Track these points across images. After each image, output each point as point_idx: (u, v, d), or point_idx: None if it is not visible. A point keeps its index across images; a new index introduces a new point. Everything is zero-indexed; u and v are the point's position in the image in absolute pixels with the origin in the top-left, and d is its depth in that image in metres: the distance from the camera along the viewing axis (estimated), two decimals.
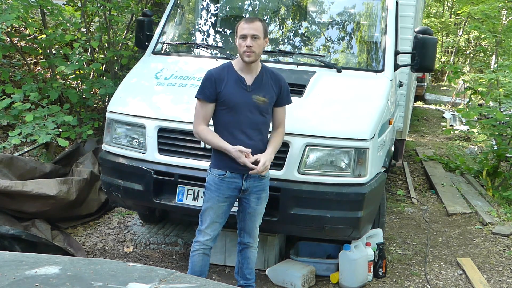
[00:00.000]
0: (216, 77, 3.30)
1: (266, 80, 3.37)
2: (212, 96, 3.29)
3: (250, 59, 3.27)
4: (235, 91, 3.29)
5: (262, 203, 3.47)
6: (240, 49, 3.27)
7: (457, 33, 22.48)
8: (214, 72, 3.34)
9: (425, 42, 4.25)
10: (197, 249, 3.45)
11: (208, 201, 3.39)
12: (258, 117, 3.32)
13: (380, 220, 4.63)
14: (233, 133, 3.29)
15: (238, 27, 3.30)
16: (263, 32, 3.30)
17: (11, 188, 4.45)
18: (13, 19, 5.47)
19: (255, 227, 3.52)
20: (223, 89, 3.28)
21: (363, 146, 3.69)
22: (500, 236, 5.41)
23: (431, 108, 15.36)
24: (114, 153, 4.13)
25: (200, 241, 3.44)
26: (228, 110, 3.30)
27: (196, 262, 3.47)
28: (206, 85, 3.30)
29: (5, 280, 1.62)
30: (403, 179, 7.48)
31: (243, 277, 3.63)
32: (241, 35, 3.25)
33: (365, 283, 4.21)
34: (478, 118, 9.80)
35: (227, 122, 3.31)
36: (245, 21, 3.29)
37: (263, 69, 3.40)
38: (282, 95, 3.44)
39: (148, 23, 4.86)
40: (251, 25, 3.25)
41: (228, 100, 3.28)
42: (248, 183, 3.35)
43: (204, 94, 3.30)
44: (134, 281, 1.70)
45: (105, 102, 6.89)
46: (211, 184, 3.37)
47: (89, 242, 4.85)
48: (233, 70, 3.35)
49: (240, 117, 3.29)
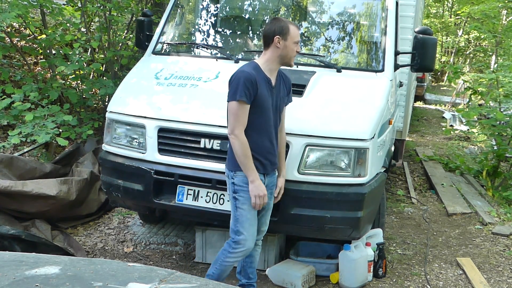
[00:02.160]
0: (255, 78, 3.19)
1: (281, 81, 3.43)
2: (252, 98, 3.18)
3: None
4: (266, 93, 3.27)
5: (272, 198, 3.54)
6: (291, 54, 3.30)
7: (457, 33, 22.48)
8: (251, 73, 3.19)
9: (425, 42, 4.25)
10: (235, 261, 3.45)
11: (245, 203, 3.30)
12: (277, 118, 3.39)
13: (380, 220, 4.63)
14: (259, 135, 3.28)
15: (291, 31, 3.26)
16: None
17: (11, 188, 4.45)
18: (12, 18, 5.47)
19: (265, 224, 3.56)
20: (259, 91, 3.21)
21: (363, 146, 3.69)
22: (500, 236, 5.41)
23: (431, 108, 15.36)
24: (114, 153, 4.12)
25: (240, 251, 3.35)
26: (259, 112, 3.25)
27: (226, 270, 3.48)
28: (247, 86, 3.14)
29: (5, 280, 1.62)
30: (403, 179, 7.48)
31: (246, 276, 3.65)
32: (297, 41, 3.29)
33: (365, 283, 4.21)
34: (478, 118, 9.79)
35: (256, 124, 3.26)
36: (296, 27, 3.33)
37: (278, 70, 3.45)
38: (289, 96, 3.53)
39: (148, 23, 4.85)
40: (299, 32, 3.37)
41: (262, 101, 3.24)
42: (268, 180, 3.44)
43: (247, 96, 3.14)
44: (134, 281, 1.70)
45: (105, 102, 6.89)
46: (242, 186, 3.28)
47: (89, 242, 4.85)
48: (261, 70, 3.30)
49: (267, 118, 3.31)
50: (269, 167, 3.39)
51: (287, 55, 3.29)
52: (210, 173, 3.74)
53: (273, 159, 3.41)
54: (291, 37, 3.26)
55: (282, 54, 3.28)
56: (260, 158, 3.31)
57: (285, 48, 3.27)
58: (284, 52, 3.28)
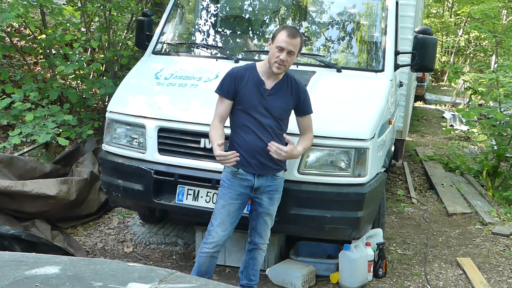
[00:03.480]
0: (237, 75, 3.33)
1: (286, 88, 3.38)
2: (230, 93, 3.31)
3: (279, 72, 3.29)
4: (252, 93, 3.30)
5: (274, 203, 3.48)
6: (272, 58, 3.25)
7: (457, 33, 22.47)
8: (236, 70, 3.37)
9: (425, 42, 4.25)
10: (206, 251, 3.43)
11: (221, 198, 3.41)
12: (271, 121, 3.33)
13: (380, 220, 4.63)
14: (246, 132, 3.31)
15: (278, 35, 3.25)
16: (299, 48, 3.32)
17: (11, 188, 4.45)
18: (12, 18, 5.47)
19: (266, 227, 3.53)
20: (242, 89, 3.30)
21: (363, 146, 3.69)
22: (500, 236, 5.41)
23: (431, 108, 15.36)
24: (114, 153, 4.12)
25: (209, 243, 3.41)
26: (243, 110, 3.32)
27: (203, 263, 3.47)
28: (226, 81, 3.34)
29: (5, 280, 1.62)
30: (403, 179, 7.48)
31: (247, 277, 3.64)
32: (279, 46, 3.22)
33: (365, 283, 4.21)
34: (478, 118, 9.79)
35: (241, 121, 3.33)
36: (288, 34, 3.23)
37: (286, 75, 3.40)
38: (302, 105, 3.44)
39: (148, 23, 4.85)
40: (292, 41, 3.23)
41: (244, 100, 3.30)
42: (260, 182, 3.38)
43: (222, 90, 3.34)
44: (134, 281, 1.70)
45: (105, 102, 6.88)
46: (224, 181, 3.41)
47: (89, 242, 4.85)
48: (255, 71, 3.35)
49: (253, 118, 3.30)
50: (257, 167, 3.34)
51: (269, 59, 3.29)
52: (210, 173, 3.74)
53: (262, 160, 3.33)
54: (276, 40, 3.25)
55: (268, 57, 3.31)
56: (245, 155, 3.30)
57: (270, 51, 3.29)
58: (269, 55, 3.29)
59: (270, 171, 3.40)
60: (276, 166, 3.41)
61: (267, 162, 3.35)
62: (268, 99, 3.32)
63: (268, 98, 3.32)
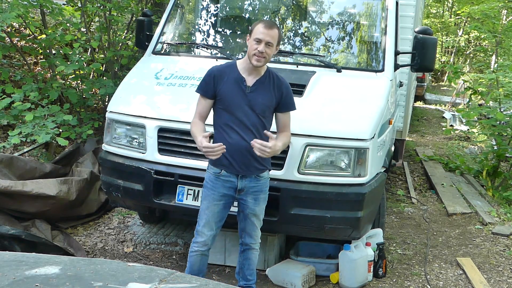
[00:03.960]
0: (216, 74, 3.32)
1: (268, 84, 3.34)
2: (209, 92, 3.31)
3: (259, 64, 3.25)
4: (232, 90, 3.28)
5: (260, 204, 3.44)
6: (250, 51, 3.23)
7: (457, 33, 22.47)
8: (215, 69, 3.36)
9: (425, 42, 4.25)
10: (195, 250, 3.45)
11: (205, 199, 3.41)
12: (255, 119, 3.29)
13: (380, 220, 4.63)
14: (228, 132, 3.29)
15: (255, 28, 3.25)
16: (278, 40, 3.29)
17: (11, 188, 4.45)
18: (13, 18, 5.47)
19: (255, 228, 3.51)
20: (222, 87, 3.28)
21: (363, 146, 3.69)
22: (500, 236, 5.41)
23: (431, 108, 15.36)
24: (114, 153, 4.12)
25: (198, 242, 3.44)
26: (225, 108, 3.30)
27: (194, 262, 3.48)
28: (205, 80, 3.34)
29: (5, 280, 1.62)
30: (403, 179, 7.48)
31: (244, 277, 3.63)
32: (257, 38, 3.21)
33: (365, 283, 4.21)
34: (478, 118, 9.79)
35: (223, 121, 3.31)
36: (264, 25, 3.23)
37: (268, 72, 3.37)
38: (285, 101, 3.38)
39: (148, 23, 4.85)
40: (269, 32, 3.21)
41: (225, 98, 3.28)
42: (243, 183, 3.35)
43: (201, 89, 3.35)
44: (134, 281, 1.70)
45: (105, 102, 6.88)
46: (207, 182, 3.40)
47: (89, 242, 4.85)
48: (235, 69, 3.34)
49: (236, 117, 3.27)
50: (241, 167, 3.30)
51: (248, 52, 3.27)
52: None
53: (245, 160, 3.29)
54: (253, 33, 3.24)
55: (247, 52, 3.29)
56: (228, 156, 3.27)
57: (249, 46, 3.28)
58: (248, 50, 3.28)
59: (254, 171, 3.35)
60: (261, 166, 3.36)
61: (251, 162, 3.31)
62: (250, 95, 3.28)
63: (249, 95, 3.28)
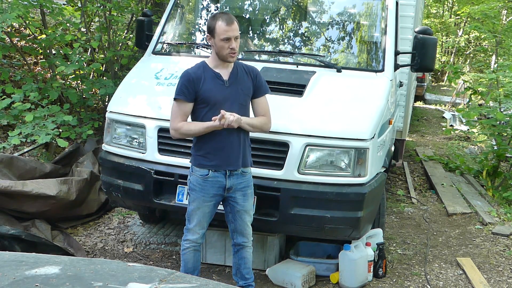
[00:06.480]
0: (193, 76, 3.30)
1: (241, 73, 3.39)
2: (191, 96, 3.29)
3: (234, 59, 3.31)
4: (214, 88, 3.30)
5: (248, 199, 3.48)
6: (223, 51, 3.25)
7: (457, 33, 22.48)
8: (191, 72, 3.33)
9: (425, 42, 4.25)
10: (188, 247, 3.49)
11: (194, 202, 3.42)
12: (238, 111, 3.30)
13: (380, 220, 4.63)
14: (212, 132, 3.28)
15: (216, 28, 3.23)
16: (238, 30, 3.33)
17: (11, 188, 4.45)
18: (13, 18, 5.47)
19: (246, 225, 3.52)
20: (202, 87, 3.28)
21: (363, 146, 3.69)
22: (500, 236, 5.41)
23: (431, 108, 15.36)
24: (114, 153, 4.13)
25: (190, 240, 3.49)
26: (209, 107, 3.30)
27: (188, 259, 3.51)
28: (184, 85, 3.28)
29: (5, 280, 1.62)
30: (403, 179, 7.48)
31: (242, 277, 3.63)
32: (225, 38, 3.22)
33: (365, 283, 4.21)
34: (478, 118, 9.79)
35: (206, 119, 3.29)
36: (225, 22, 3.22)
37: (235, 63, 3.41)
38: (259, 85, 3.43)
39: (148, 23, 4.86)
40: (232, 27, 3.24)
41: (208, 97, 3.29)
42: (231, 181, 3.37)
43: (182, 94, 3.28)
44: (134, 281, 1.70)
45: (105, 102, 6.88)
46: (195, 185, 3.39)
47: (89, 242, 4.85)
48: (208, 67, 3.35)
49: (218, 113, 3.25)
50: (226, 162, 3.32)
51: (220, 53, 3.28)
52: None
53: (232, 157, 3.33)
54: (217, 34, 3.24)
55: (216, 51, 3.30)
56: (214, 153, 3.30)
57: (215, 46, 3.28)
58: (216, 50, 3.29)
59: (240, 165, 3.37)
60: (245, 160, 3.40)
61: (239, 159, 3.35)
62: (230, 88, 3.32)
63: (229, 88, 3.32)
